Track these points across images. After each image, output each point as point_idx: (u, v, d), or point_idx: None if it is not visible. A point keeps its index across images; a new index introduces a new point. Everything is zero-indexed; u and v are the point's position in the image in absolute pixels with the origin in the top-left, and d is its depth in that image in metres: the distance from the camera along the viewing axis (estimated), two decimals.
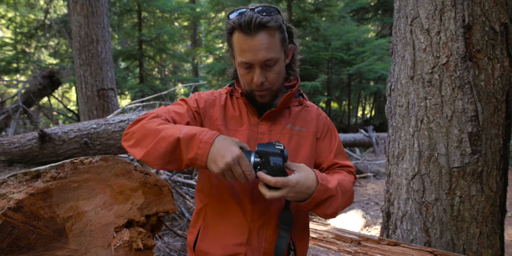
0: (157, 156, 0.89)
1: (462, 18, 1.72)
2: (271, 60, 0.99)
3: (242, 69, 1.03)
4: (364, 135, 8.91)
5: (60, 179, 0.77)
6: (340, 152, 1.16)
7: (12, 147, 2.73)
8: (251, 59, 0.98)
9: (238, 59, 1.01)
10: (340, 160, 1.14)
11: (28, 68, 9.23)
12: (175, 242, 3.10)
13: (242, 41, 0.97)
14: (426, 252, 1.61)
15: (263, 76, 1.00)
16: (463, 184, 1.76)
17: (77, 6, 5.10)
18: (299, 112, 1.15)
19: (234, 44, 1.01)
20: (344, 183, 1.03)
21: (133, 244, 0.88)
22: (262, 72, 1.00)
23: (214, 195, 1.07)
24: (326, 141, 1.15)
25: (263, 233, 1.04)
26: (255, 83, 1.01)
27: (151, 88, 9.52)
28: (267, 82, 1.02)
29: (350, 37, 10.19)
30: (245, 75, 1.04)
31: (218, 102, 1.13)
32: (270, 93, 1.07)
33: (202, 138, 0.85)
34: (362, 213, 3.89)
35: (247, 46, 0.97)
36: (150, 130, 0.92)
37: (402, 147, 1.98)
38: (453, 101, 1.76)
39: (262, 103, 1.09)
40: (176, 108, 1.07)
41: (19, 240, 0.70)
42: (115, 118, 2.87)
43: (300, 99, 1.18)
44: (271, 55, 0.98)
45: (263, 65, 0.99)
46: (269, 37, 0.97)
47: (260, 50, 0.96)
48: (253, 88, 1.04)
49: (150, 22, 10.61)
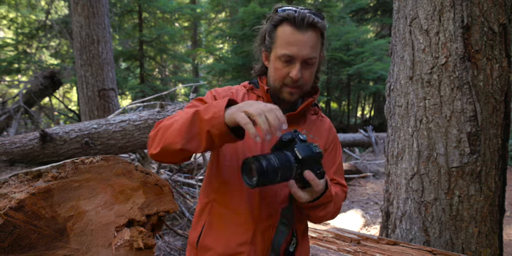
0: (176, 134, 0.87)
1: (461, 19, 1.73)
2: (312, 59, 1.01)
3: (280, 62, 1.02)
4: (363, 135, 8.92)
5: (61, 179, 0.77)
6: (340, 170, 1.18)
7: (14, 147, 2.75)
8: (296, 53, 0.99)
9: (280, 51, 1.01)
10: (338, 177, 1.16)
11: (30, 69, 9.26)
12: (175, 242, 3.11)
13: (291, 34, 0.99)
14: (425, 252, 1.62)
15: (301, 72, 1.01)
16: (462, 183, 1.77)
17: (78, 7, 5.12)
18: (315, 121, 1.16)
19: (278, 36, 1.02)
20: (338, 196, 1.08)
21: (134, 244, 0.88)
22: (301, 68, 1.01)
23: (222, 192, 1.07)
24: (331, 155, 1.16)
25: (268, 235, 1.03)
26: (293, 77, 1.00)
27: (152, 88, 9.55)
28: (302, 80, 1.03)
29: (349, 37, 10.21)
30: (281, 69, 1.03)
31: (235, 97, 1.12)
32: (300, 92, 1.06)
33: (216, 103, 0.86)
34: (362, 213, 3.90)
35: (295, 39, 0.98)
36: (166, 125, 0.92)
37: (401, 147, 1.98)
38: (452, 101, 1.76)
39: (289, 101, 1.08)
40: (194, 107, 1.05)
41: (20, 240, 0.70)
42: (116, 118, 2.88)
43: (316, 109, 1.19)
44: (314, 54, 1.01)
45: (303, 62, 1.00)
46: (316, 37, 1.01)
47: (307, 46, 0.99)
48: (286, 82, 1.03)
49: (151, 22, 10.64)
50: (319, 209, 1.00)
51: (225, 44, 12.98)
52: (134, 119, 2.79)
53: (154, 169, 3.76)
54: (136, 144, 2.83)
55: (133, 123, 2.77)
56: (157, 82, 11.35)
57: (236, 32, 8.89)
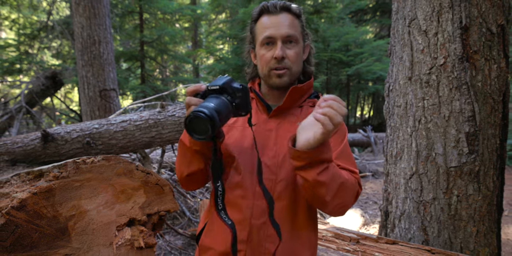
0: (180, 165, 1.03)
1: (460, 20, 1.73)
2: (292, 37, 1.03)
3: (263, 49, 1.06)
4: (362, 135, 8.94)
5: (63, 179, 0.78)
6: (345, 155, 1.05)
7: (15, 146, 2.76)
8: (274, 33, 1.02)
9: (260, 37, 1.05)
10: (342, 163, 1.02)
11: (31, 69, 9.27)
12: (176, 241, 3.12)
13: (267, 20, 1.05)
14: (424, 251, 1.63)
15: (284, 51, 1.03)
16: (460, 183, 1.77)
17: (79, 8, 5.13)
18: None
19: (257, 28, 1.07)
20: (343, 176, 0.93)
21: (135, 243, 0.89)
22: (283, 47, 1.03)
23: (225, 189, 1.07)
24: (333, 140, 1.07)
25: (264, 232, 1.01)
26: (276, 55, 1.02)
27: (153, 89, 9.57)
28: (287, 60, 1.03)
29: (349, 38, 10.21)
30: (265, 54, 1.05)
31: None
32: (289, 74, 1.05)
33: None
34: (361, 212, 3.91)
35: (271, 22, 1.03)
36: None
37: (400, 147, 1.99)
38: (451, 102, 1.77)
39: (279, 85, 1.07)
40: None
41: (22, 239, 0.71)
42: (117, 118, 2.89)
43: (315, 101, 1.14)
44: (292, 31, 1.03)
45: (284, 41, 1.03)
46: (291, 18, 1.05)
47: (283, 26, 1.02)
48: (272, 66, 1.04)
49: (152, 23, 10.66)
50: (314, 169, 0.86)
51: (225, 45, 13.00)
52: (135, 119, 2.81)
53: (155, 169, 3.77)
54: (137, 144, 2.84)
55: (134, 123, 2.79)
56: (158, 82, 11.36)
57: (236, 33, 8.89)
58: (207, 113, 0.77)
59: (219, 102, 0.85)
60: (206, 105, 0.81)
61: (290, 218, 1.03)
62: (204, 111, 0.77)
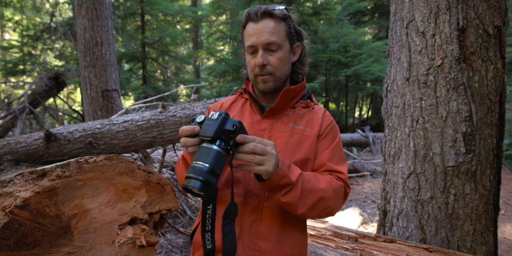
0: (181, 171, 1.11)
1: (457, 21, 1.75)
2: (274, 44, 1.04)
3: (248, 56, 1.09)
4: (361, 135, 8.96)
5: (66, 178, 0.78)
6: (335, 156, 1.09)
7: (19, 146, 2.80)
8: (254, 41, 1.04)
9: (246, 45, 1.08)
10: (332, 163, 1.07)
11: (34, 70, 9.32)
12: (177, 239, 3.15)
13: (250, 28, 1.06)
14: (422, 249, 1.65)
15: (265, 59, 1.05)
16: (457, 182, 1.79)
17: (82, 10, 5.17)
18: (305, 113, 1.15)
19: (244, 35, 1.09)
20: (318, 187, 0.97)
21: (137, 241, 0.89)
22: (265, 54, 1.05)
23: (220, 189, 1.09)
24: (325, 140, 1.12)
25: (255, 229, 1.03)
26: (257, 64, 1.04)
27: (154, 89, 9.60)
28: (269, 66, 1.05)
29: (347, 39, 10.22)
30: (250, 61, 1.08)
31: (224, 105, 1.20)
32: (274, 79, 1.07)
33: None
34: (359, 211, 3.92)
35: (253, 30, 1.05)
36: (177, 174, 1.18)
37: (398, 146, 2.01)
38: (448, 102, 1.79)
39: (264, 90, 1.09)
40: None
41: (25, 237, 0.71)
42: (119, 118, 2.92)
43: (308, 102, 1.17)
44: (273, 38, 1.03)
45: (266, 49, 1.04)
46: (273, 23, 1.05)
47: (263, 33, 1.03)
48: (256, 72, 1.07)
49: (153, 25, 10.69)
50: (278, 193, 0.93)
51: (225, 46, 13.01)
52: (137, 120, 2.83)
53: (156, 169, 3.80)
54: (138, 143, 2.86)
55: (136, 123, 2.81)
56: (159, 83, 11.40)
57: (237, 35, 8.90)
58: (201, 186, 0.80)
59: (213, 155, 0.83)
60: (201, 168, 0.81)
61: (280, 217, 1.05)
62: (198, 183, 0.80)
